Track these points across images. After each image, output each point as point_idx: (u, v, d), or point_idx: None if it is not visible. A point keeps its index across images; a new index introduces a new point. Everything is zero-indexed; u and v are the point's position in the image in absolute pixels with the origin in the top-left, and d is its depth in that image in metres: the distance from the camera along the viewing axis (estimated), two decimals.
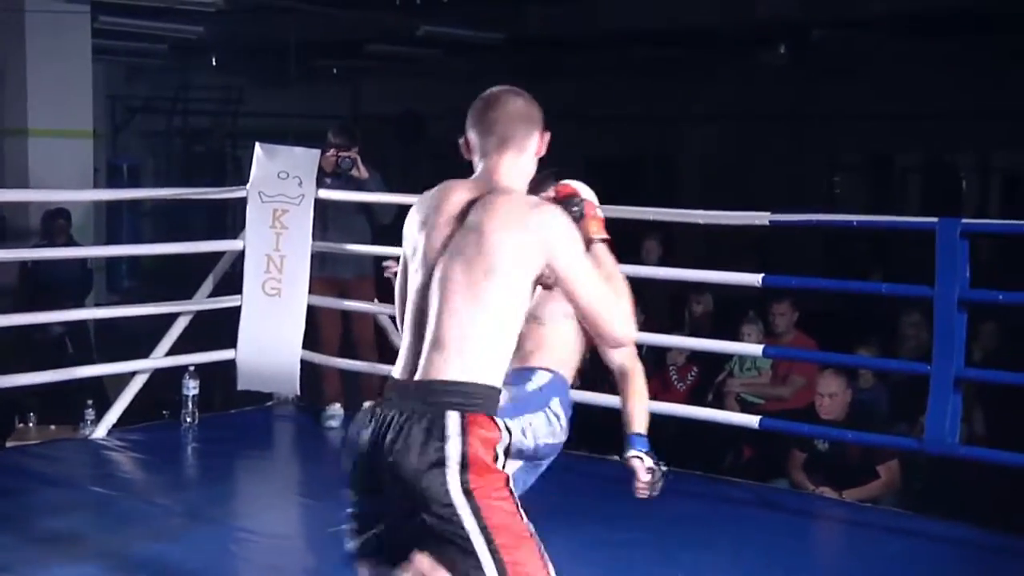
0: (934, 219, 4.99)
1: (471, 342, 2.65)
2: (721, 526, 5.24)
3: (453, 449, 2.59)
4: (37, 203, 9.89)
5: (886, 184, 15.60)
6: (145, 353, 6.54)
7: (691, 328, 7.76)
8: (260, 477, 6.21)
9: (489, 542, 2.59)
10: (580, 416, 7.22)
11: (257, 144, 6.69)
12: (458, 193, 2.79)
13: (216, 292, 6.70)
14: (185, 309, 6.59)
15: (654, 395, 7.01)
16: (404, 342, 2.77)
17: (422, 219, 2.81)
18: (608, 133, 15.70)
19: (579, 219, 2.86)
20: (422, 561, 2.72)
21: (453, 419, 2.60)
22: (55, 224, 9.62)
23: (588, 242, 2.84)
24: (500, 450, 2.64)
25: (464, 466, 2.58)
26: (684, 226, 7.66)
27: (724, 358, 7.12)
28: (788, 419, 6.04)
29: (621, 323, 2.73)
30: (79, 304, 9.12)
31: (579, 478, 5.85)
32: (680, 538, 4.99)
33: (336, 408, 6.83)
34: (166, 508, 5.38)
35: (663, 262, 8.22)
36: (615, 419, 6.74)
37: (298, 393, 6.79)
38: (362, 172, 6.59)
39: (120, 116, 16.04)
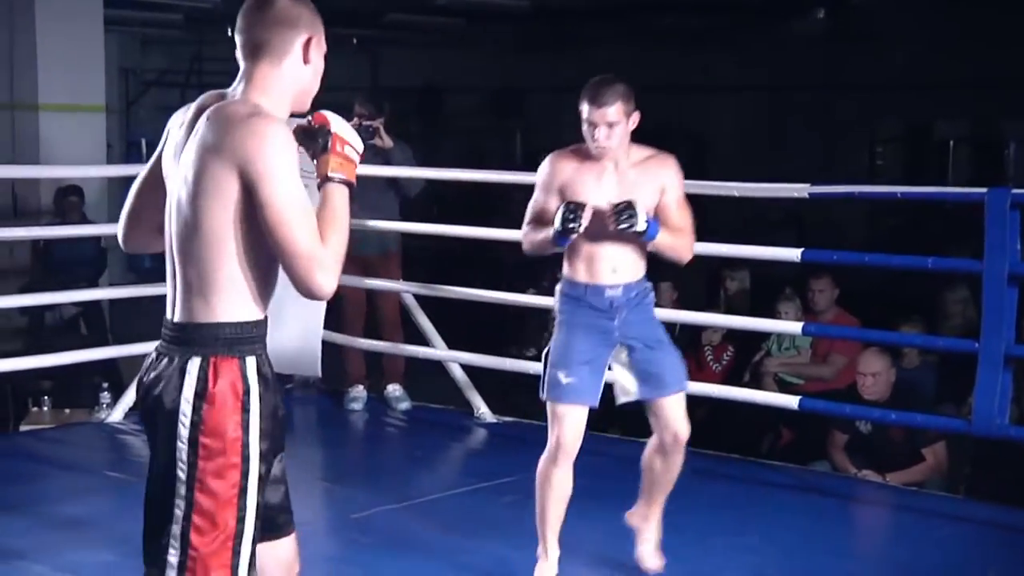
0: (983, 190, 4.93)
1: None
2: (759, 510, 5.21)
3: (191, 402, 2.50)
4: (49, 180, 9.91)
5: (925, 155, 15.47)
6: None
7: (727, 306, 7.70)
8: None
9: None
10: (609, 398, 7.23)
11: None
12: (193, 108, 2.63)
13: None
14: None
15: (688, 376, 7.03)
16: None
17: (167, 136, 2.69)
18: (638, 104, 15.61)
19: (321, 152, 2.61)
20: None
21: (193, 364, 2.50)
22: (67, 201, 9.64)
23: (324, 179, 2.61)
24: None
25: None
26: (716, 201, 7.62)
27: (761, 337, 7.05)
28: (829, 400, 5.98)
29: (317, 273, 2.47)
30: (93, 284, 9.14)
31: (611, 461, 5.82)
32: (716, 523, 4.97)
33: (359, 390, 6.83)
34: None
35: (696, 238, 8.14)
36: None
37: (320, 375, 6.78)
38: (385, 141, 6.54)
39: (134, 89, 16.05)
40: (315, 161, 2.64)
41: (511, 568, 4.46)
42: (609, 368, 4.17)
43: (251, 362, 2.53)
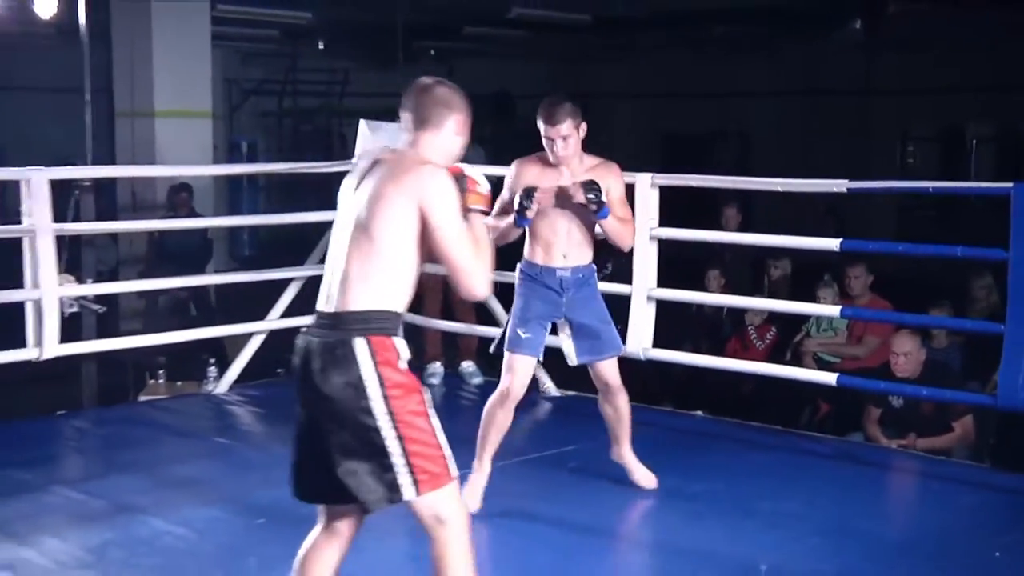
0: (1009, 184, 4.84)
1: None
2: (798, 477, 5.16)
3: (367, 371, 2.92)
4: (163, 178, 10.01)
5: (952, 154, 15.21)
6: (262, 316, 6.60)
7: (769, 291, 7.63)
8: None
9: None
10: (663, 374, 7.22)
11: (361, 120, 6.70)
12: (370, 157, 3.15)
13: (325, 259, 6.72)
14: (297, 275, 6.63)
15: (734, 354, 6.97)
16: (326, 277, 3.10)
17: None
18: (687, 109, 15.50)
19: (461, 192, 3.05)
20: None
21: (369, 347, 2.93)
22: (179, 197, 9.74)
23: (466, 211, 3.07)
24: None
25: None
26: (761, 196, 7.54)
27: (801, 320, 7.00)
28: (864, 377, 5.91)
29: (473, 280, 2.99)
30: (200, 271, 9.23)
31: (661, 432, 5.81)
32: (758, 489, 4.92)
33: (437, 366, 6.85)
34: (282, 457, 5.37)
35: (741, 229, 8.08)
36: (696, 377, 6.71)
37: None
38: None
39: (236, 98, 16.16)
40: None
41: (573, 527, 4.47)
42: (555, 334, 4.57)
43: (397, 340, 2.99)
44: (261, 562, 4.05)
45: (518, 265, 4.62)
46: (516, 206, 4.38)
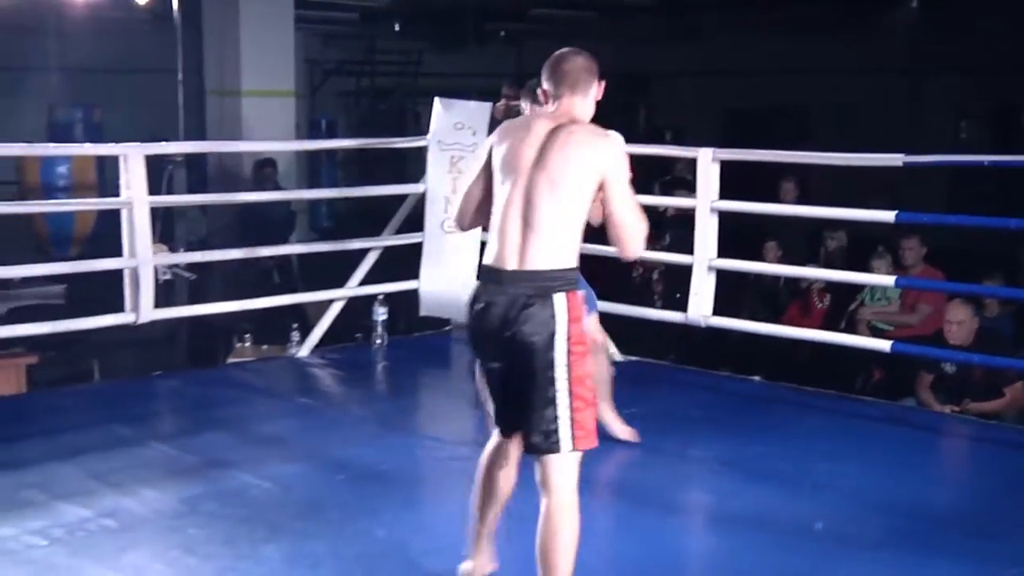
0: None
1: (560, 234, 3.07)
2: (852, 441, 5.10)
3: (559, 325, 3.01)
4: (249, 153, 10.11)
5: (1005, 130, 14.85)
6: (341, 283, 6.65)
7: (825, 262, 7.54)
8: (439, 392, 6.28)
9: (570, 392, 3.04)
10: (723, 340, 7.16)
11: (436, 98, 6.69)
12: (541, 124, 3.16)
13: (401, 230, 6.76)
14: (375, 245, 6.67)
15: (791, 321, 6.90)
16: (501, 237, 3.09)
17: (512, 142, 3.15)
18: (747, 86, 15.29)
19: None
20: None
21: (561, 303, 3.02)
22: (264, 171, 9.84)
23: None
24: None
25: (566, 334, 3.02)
26: (817, 170, 7.44)
27: (856, 290, 6.92)
28: (917, 344, 5.83)
29: (637, 239, 3.13)
30: (284, 241, 9.31)
31: (721, 396, 5.78)
32: (814, 451, 4.88)
33: None
34: (361, 417, 5.49)
35: (799, 202, 7.98)
36: (756, 343, 6.64)
37: None
38: None
39: (317, 78, 16.24)
40: None
41: (632, 486, 4.47)
42: None
43: (580, 293, 3.10)
44: (342, 515, 4.10)
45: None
46: None
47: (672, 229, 6.93)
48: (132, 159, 5.61)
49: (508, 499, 3.35)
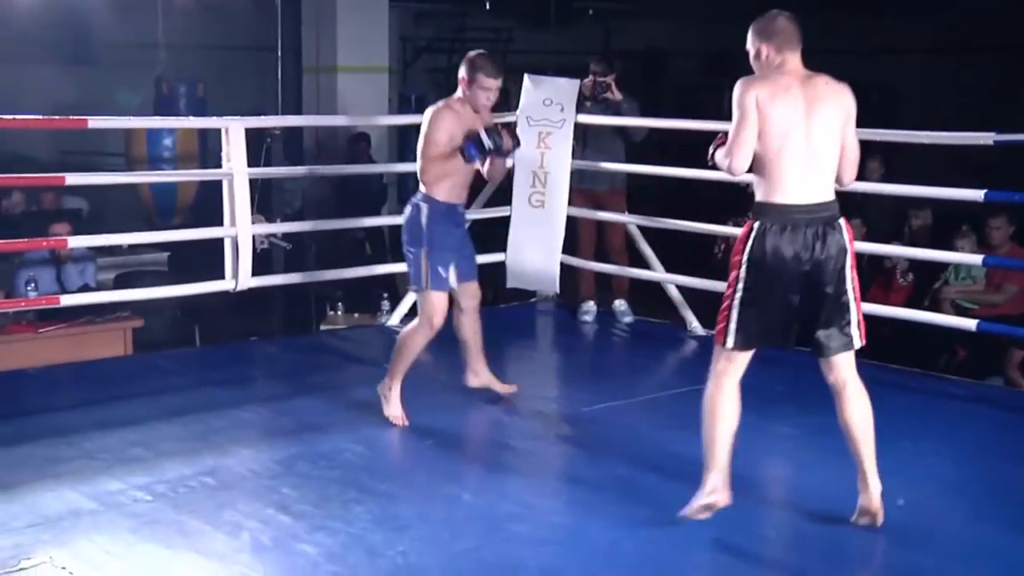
0: None
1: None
2: (937, 419, 4.98)
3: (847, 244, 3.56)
4: (344, 128, 10.17)
5: None
6: None
7: (910, 240, 7.35)
8: (525, 361, 6.26)
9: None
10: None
11: (526, 75, 6.65)
12: (801, 80, 3.58)
13: (489, 204, 6.75)
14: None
15: (875, 299, 6.74)
16: (794, 179, 3.50)
17: (785, 97, 3.52)
18: (835, 65, 14.97)
19: None
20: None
21: (844, 225, 3.56)
22: (358, 146, 9.89)
23: None
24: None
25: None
26: (901, 150, 7.25)
27: (940, 268, 6.72)
28: (1004, 323, 5.64)
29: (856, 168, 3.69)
30: (376, 212, 9.36)
31: (804, 372, 5.64)
32: (900, 428, 4.75)
33: (590, 305, 6.81)
34: (446, 384, 5.49)
35: (886, 180, 7.78)
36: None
37: (558, 291, 6.79)
38: (616, 94, 6.45)
39: (409, 55, 16.26)
40: None
41: None
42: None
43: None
44: (429, 478, 4.11)
45: (416, 202, 4.69)
46: (491, 143, 4.53)
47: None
48: (233, 132, 5.67)
49: None
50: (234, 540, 3.56)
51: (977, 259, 5.77)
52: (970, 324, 5.28)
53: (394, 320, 6.54)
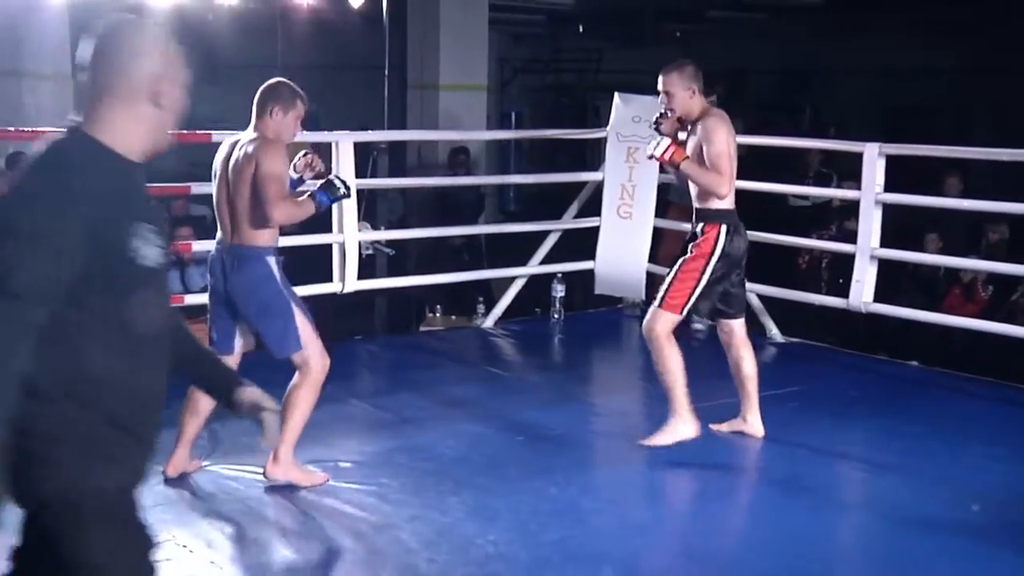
0: None
1: None
2: (1009, 426, 4.81)
3: None
4: (445, 141, 10.21)
5: None
6: (524, 262, 6.66)
7: (986, 254, 7.11)
8: (611, 364, 6.23)
9: None
10: (878, 324, 6.85)
11: (616, 93, 6.61)
12: None
13: (580, 214, 6.72)
14: (555, 227, 6.65)
15: (951, 309, 6.54)
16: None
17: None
18: (909, 85, 14.59)
19: None
20: None
21: None
22: (457, 158, 9.91)
23: None
24: None
25: None
26: (976, 168, 7.03)
27: (1017, 281, 6.49)
28: None
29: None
30: (474, 222, 9.38)
31: (877, 378, 5.54)
32: (968, 433, 4.62)
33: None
34: (538, 384, 5.49)
35: (963, 196, 7.54)
36: (913, 330, 6.32)
37: (643, 298, 6.72)
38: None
39: (507, 74, 16.31)
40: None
41: (791, 458, 4.31)
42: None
43: None
44: (519, 473, 4.10)
45: (265, 256, 4.00)
46: (344, 190, 3.98)
47: (837, 220, 6.66)
48: (343, 145, 5.74)
49: None
50: (335, 526, 3.60)
51: None
52: None
53: (489, 322, 6.54)
